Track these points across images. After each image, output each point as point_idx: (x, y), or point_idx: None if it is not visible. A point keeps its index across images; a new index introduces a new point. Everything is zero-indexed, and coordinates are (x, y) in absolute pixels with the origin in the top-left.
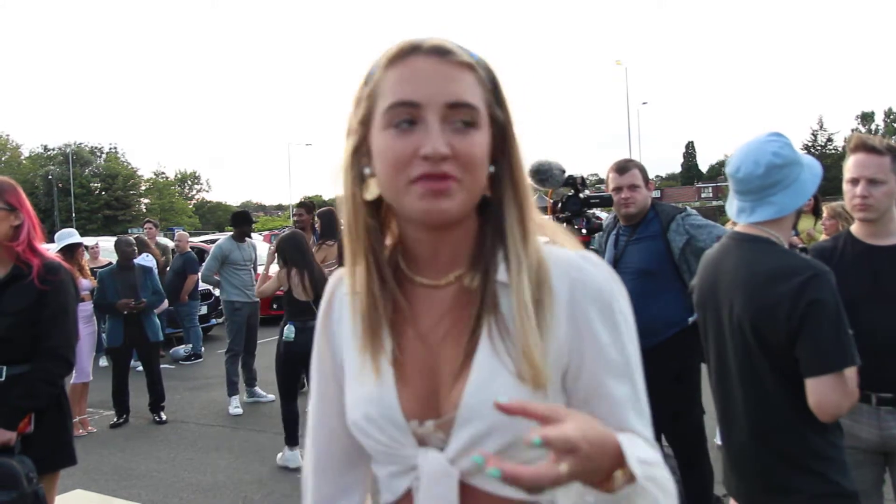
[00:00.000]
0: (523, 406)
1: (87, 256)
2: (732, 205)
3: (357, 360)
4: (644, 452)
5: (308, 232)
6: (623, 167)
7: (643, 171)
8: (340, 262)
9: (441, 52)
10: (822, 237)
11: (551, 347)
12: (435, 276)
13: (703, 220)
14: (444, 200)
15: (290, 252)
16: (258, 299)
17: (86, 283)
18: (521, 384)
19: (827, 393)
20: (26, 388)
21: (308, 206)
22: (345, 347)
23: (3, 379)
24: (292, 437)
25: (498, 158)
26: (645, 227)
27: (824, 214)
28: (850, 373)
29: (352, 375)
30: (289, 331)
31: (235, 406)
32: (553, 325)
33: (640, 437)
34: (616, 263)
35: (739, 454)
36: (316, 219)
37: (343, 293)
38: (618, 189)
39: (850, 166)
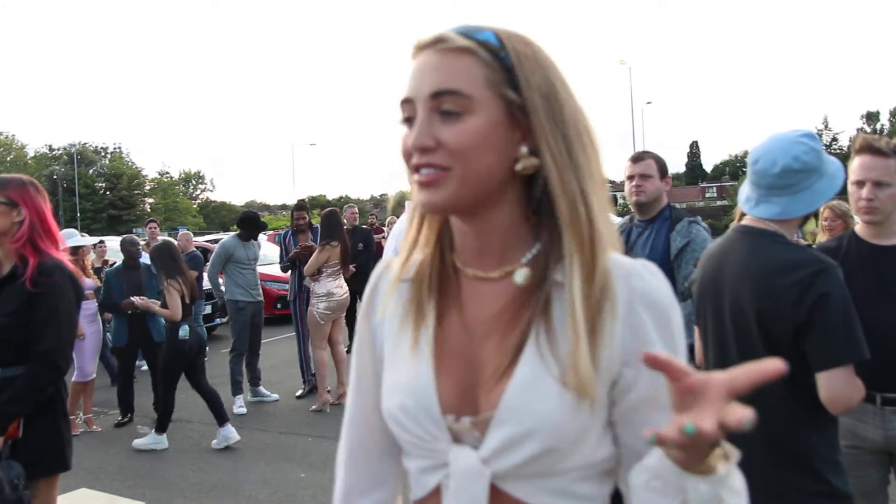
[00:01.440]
0: (668, 360)
1: (93, 255)
2: (743, 190)
3: (396, 349)
4: None
5: (307, 233)
6: (638, 157)
7: (660, 163)
8: (344, 263)
9: (437, 42)
10: (820, 237)
11: (603, 356)
12: (484, 269)
13: (706, 236)
14: (431, 192)
15: (166, 261)
16: (262, 298)
17: (89, 283)
18: (564, 391)
19: (839, 386)
20: (11, 394)
21: (307, 208)
22: (387, 337)
23: None
24: (164, 425)
25: (535, 143)
26: (660, 225)
27: (826, 214)
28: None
29: (390, 364)
30: (184, 331)
31: (240, 405)
32: (609, 332)
33: None
34: None
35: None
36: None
37: (387, 283)
38: (630, 178)
39: (855, 168)
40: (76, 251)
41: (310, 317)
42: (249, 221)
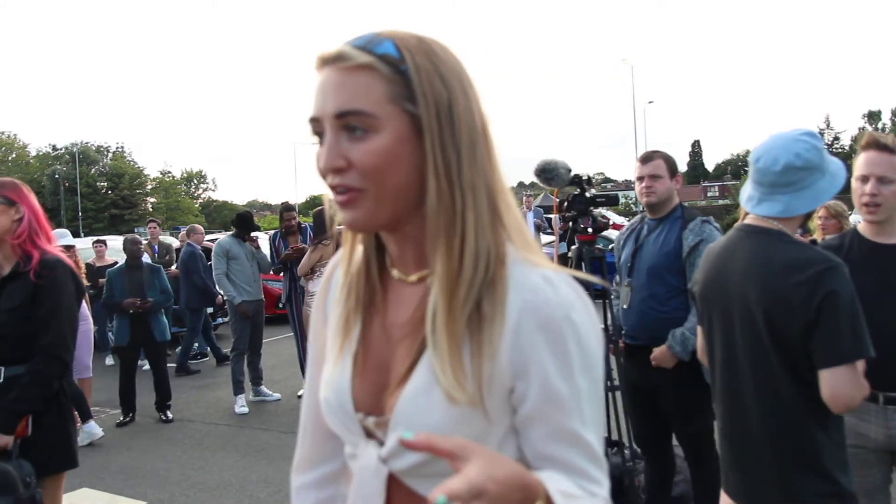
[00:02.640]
0: (429, 442)
1: (92, 255)
2: (745, 190)
3: (331, 342)
4: (566, 486)
5: (297, 235)
6: (647, 157)
7: (669, 162)
8: None
9: (337, 59)
10: (816, 235)
11: (486, 370)
12: (405, 271)
13: (718, 236)
14: (349, 212)
15: None
16: (262, 297)
17: None
18: (452, 401)
19: (842, 384)
20: (18, 392)
21: (295, 209)
22: (329, 328)
23: (1, 380)
24: (86, 413)
25: (432, 157)
26: (671, 223)
27: (821, 213)
28: (860, 364)
29: (327, 357)
30: None
31: (241, 405)
32: (494, 348)
33: (576, 471)
34: (634, 256)
35: (744, 449)
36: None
37: (339, 276)
38: (640, 178)
39: (860, 163)
40: (68, 250)
41: (306, 316)
42: (242, 220)
